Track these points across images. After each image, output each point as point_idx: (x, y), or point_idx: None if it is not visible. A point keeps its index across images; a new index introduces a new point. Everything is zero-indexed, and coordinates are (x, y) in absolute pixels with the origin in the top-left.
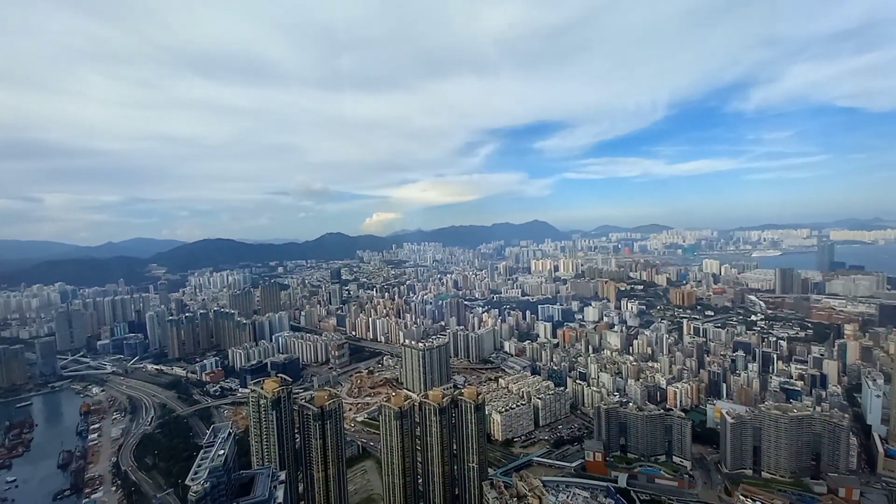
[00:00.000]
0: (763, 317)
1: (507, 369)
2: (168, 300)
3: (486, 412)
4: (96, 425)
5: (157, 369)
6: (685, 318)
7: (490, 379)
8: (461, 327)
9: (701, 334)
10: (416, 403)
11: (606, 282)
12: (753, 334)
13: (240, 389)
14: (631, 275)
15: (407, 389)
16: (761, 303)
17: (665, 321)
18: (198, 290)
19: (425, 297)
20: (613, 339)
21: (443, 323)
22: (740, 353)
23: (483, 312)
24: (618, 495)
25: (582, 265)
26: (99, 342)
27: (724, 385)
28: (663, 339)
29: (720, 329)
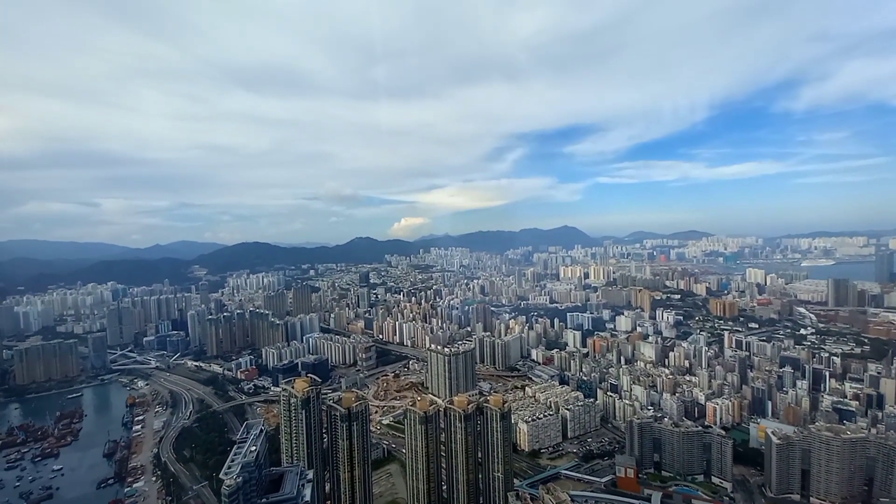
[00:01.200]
0: (814, 331)
1: (534, 378)
2: (208, 300)
3: (513, 421)
4: (140, 417)
5: (196, 366)
6: (726, 330)
7: (516, 387)
8: (487, 333)
9: (744, 348)
10: (442, 409)
11: (640, 290)
12: (803, 349)
13: (272, 388)
14: (667, 283)
15: (432, 394)
16: (812, 315)
17: (704, 333)
18: (235, 291)
19: (452, 302)
20: (648, 351)
21: (469, 328)
22: (788, 368)
23: (510, 319)
24: None
25: (614, 272)
26: (145, 338)
27: (770, 403)
28: (702, 352)
29: (765, 343)
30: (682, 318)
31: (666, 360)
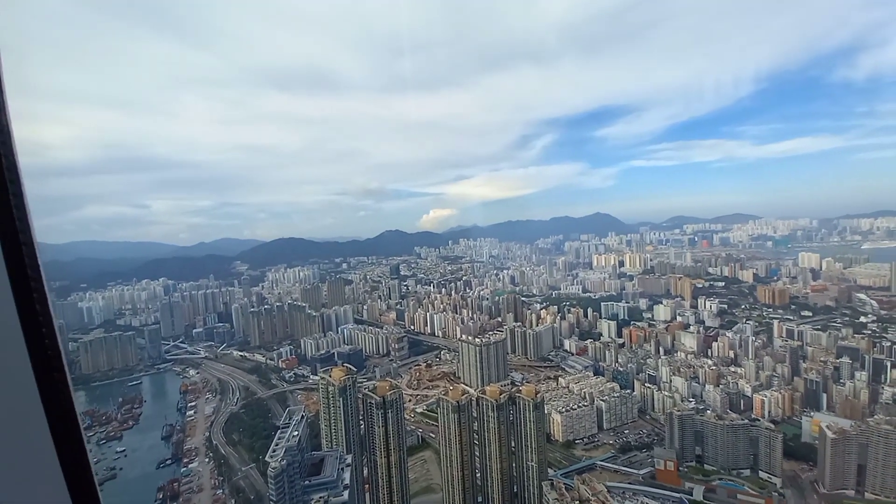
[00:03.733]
0: (875, 318)
1: (567, 368)
2: (250, 293)
3: (546, 411)
4: (193, 403)
5: (241, 355)
6: (776, 318)
7: (549, 377)
8: (518, 324)
9: (796, 337)
10: (474, 398)
11: (680, 278)
12: (862, 338)
13: (311, 376)
14: (710, 270)
15: (464, 384)
16: (873, 302)
17: (751, 322)
18: (274, 285)
19: (481, 292)
20: (688, 341)
21: (499, 319)
22: (845, 359)
23: (541, 309)
24: None
25: (651, 260)
26: (194, 330)
27: (825, 395)
28: (749, 342)
29: (820, 332)
30: (726, 306)
31: (708, 351)
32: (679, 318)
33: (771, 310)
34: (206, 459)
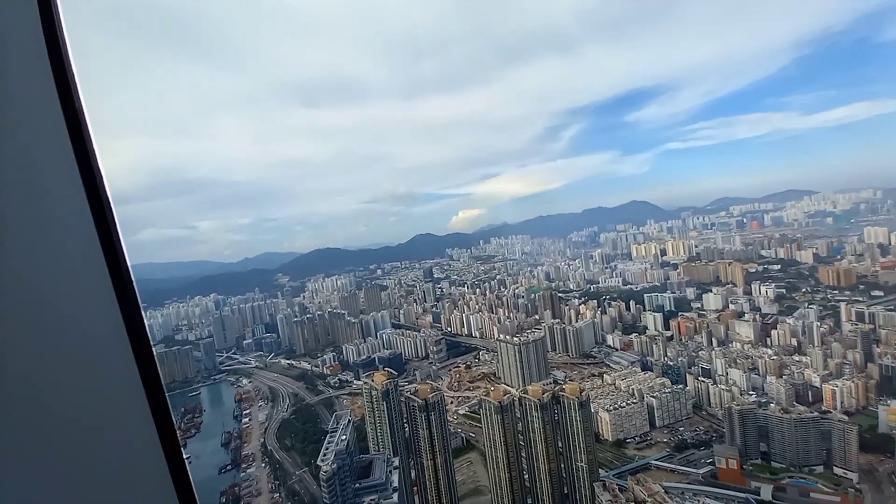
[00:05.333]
0: None
1: (612, 365)
2: (292, 304)
3: (593, 410)
4: (247, 411)
5: (288, 363)
6: (843, 300)
7: (593, 374)
8: (557, 320)
9: (866, 320)
10: (516, 398)
11: (730, 263)
12: None
13: (354, 381)
14: (762, 253)
15: (505, 384)
16: None
17: (814, 306)
18: (314, 294)
19: (516, 291)
20: (744, 330)
21: (536, 317)
22: None
23: (580, 304)
24: None
25: (696, 246)
26: (244, 341)
27: None
28: (813, 328)
29: (894, 313)
30: (784, 290)
31: (767, 340)
32: (732, 307)
33: (836, 292)
34: (263, 464)
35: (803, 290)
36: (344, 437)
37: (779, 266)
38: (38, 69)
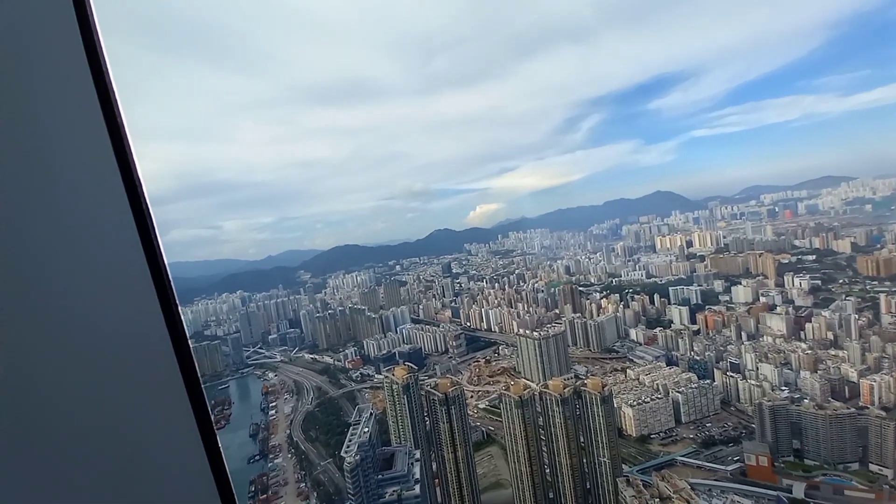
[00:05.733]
0: None
1: (635, 359)
2: (314, 300)
3: (615, 405)
4: (273, 403)
5: (311, 358)
6: (882, 292)
7: (616, 369)
8: (577, 315)
9: None
10: (537, 393)
11: (761, 254)
12: None
13: (375, 375)
14: (796, 243)
15: (525, 378)
16: None
17: (852, 298)
18: (335, 291)
19: (536, 285)
20: (776, 324)
21: (557, 311)
22: None
23: (601, 298)
24: None
25: (724, 237)
26: (270, 336)
27: None
28: (850, 321)
29: None
30: (819, 282)
31: (801, 333)
32: (763, 299)
33: (876, 282)
34: (289, 455)
35: (840, 280)
36: (366, 429)
37: (814, 256)
38: (79, 77)
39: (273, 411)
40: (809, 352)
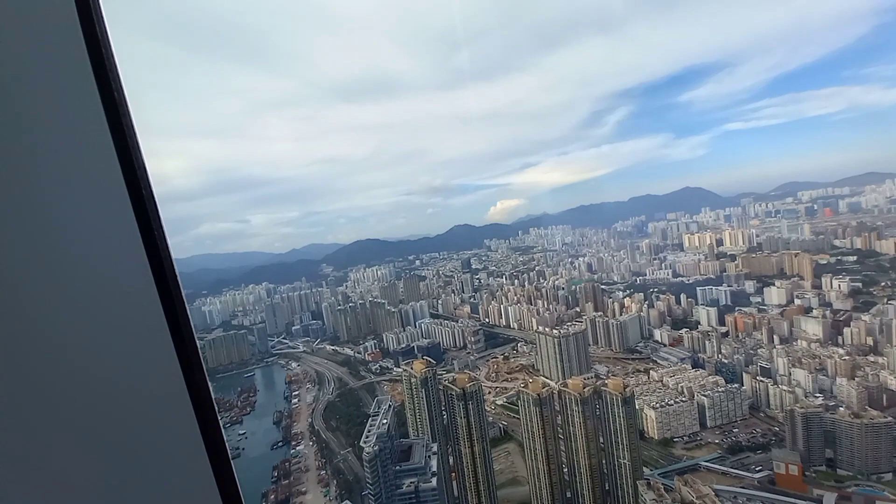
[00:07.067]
0: None
1: (659, 361)
2: (336, 293)
3: (637, 406)
4: (296, 392)
5: (333, 349)
6: None
7: (638, 370)
8: (599, 314)
9: None
10: (555, 391)
11: (797, 254)
12: None
13: (394, 368)
14: (835, 243)
15: (544, 377)
16: None
17: (894, 301)
18: (356, 284)
19: (556, 282)
20: (811, 327)
21: (577, 309)
22: None
23: (624, 297)
24: None
25: (758, 236)
26: (293, 327)
27: None
28: (892, 326)
29: None
30: (860, 284)
31: (839, 338)
32: (798, 302)
33: None
34: (311, 442)
35: (882, 283)
36: (385, 420)
37: (855, 257)
38: (79, 77)
39: (296, 400)
40: (847, 357)
